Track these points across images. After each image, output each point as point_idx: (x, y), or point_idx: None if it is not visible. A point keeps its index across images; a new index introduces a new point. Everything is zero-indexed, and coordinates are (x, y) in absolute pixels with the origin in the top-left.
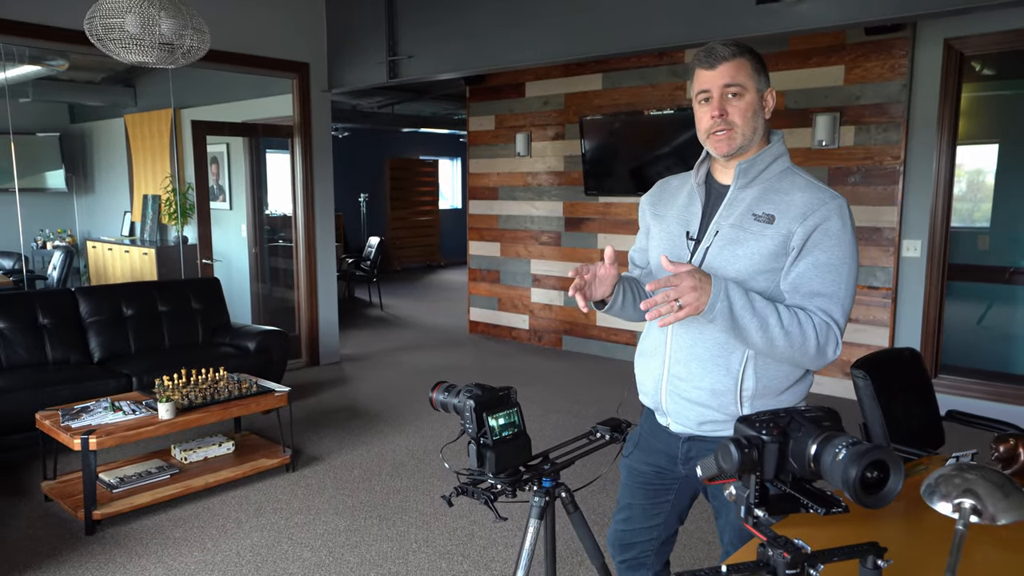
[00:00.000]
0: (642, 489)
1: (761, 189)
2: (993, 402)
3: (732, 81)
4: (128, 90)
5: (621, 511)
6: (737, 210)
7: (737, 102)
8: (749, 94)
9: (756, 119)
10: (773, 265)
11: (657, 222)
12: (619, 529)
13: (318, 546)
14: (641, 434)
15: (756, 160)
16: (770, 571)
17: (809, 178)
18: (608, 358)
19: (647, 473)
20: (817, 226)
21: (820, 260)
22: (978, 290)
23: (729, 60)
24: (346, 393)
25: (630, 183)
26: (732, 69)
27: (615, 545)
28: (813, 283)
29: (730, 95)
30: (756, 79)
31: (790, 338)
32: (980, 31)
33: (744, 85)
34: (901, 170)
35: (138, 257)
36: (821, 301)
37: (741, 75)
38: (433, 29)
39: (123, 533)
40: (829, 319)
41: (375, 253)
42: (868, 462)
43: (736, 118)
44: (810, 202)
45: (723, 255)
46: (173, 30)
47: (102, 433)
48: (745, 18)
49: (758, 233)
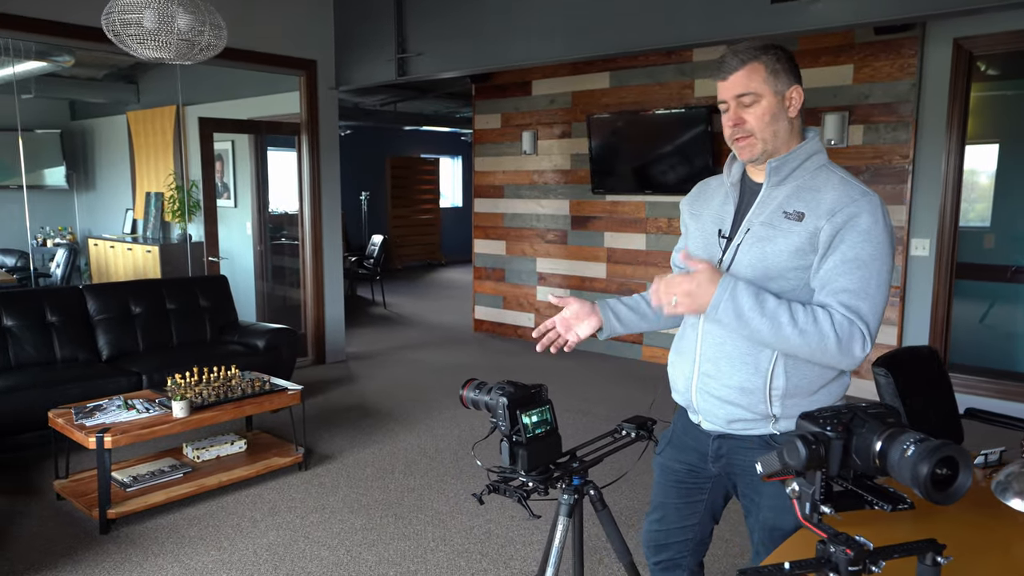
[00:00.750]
0: (675, 488)
1: (794, 187)
2: (1001, 400)
3: (744, 91)
4: (131, 87)
5: (655, 511)
6: (768, 208)
7: (753, 109)
8: (765, 99)
9: (776, 122)
10: (801, 262)
11: (694, 221)
12: (653, 529)
13: (335, 545)
14: (674, 431)
15: (787, 159)
16: (832, 568)
17: (844, 175)
18: (615, 356)
19: (680, 471)
20: (845, 223)
21: (847, 256)
22: (980, 288)
23: (739, 69)
24: (354, 391)
25: (637, 182)
26: (743, 78)
27: (650, 546)
28: (840, 279)
29: (744, 104)
30: (773, 82)
31: (805, 337)
32: (989, 31)
33: (757, 92)
34: (910, 169)
35: (141, 255)
36: (846, 297)
37: (753, 82)
38: (442, 27)
39: (138, 532)
40: (853, 316)
41: (378, 251)
42: (939, 459)
43: (753, 125)
44: (839, 199)
45: (752, 252)
46: (190, 26)
47: (117, 431)
48: (759, 17)
49: (787, 231)
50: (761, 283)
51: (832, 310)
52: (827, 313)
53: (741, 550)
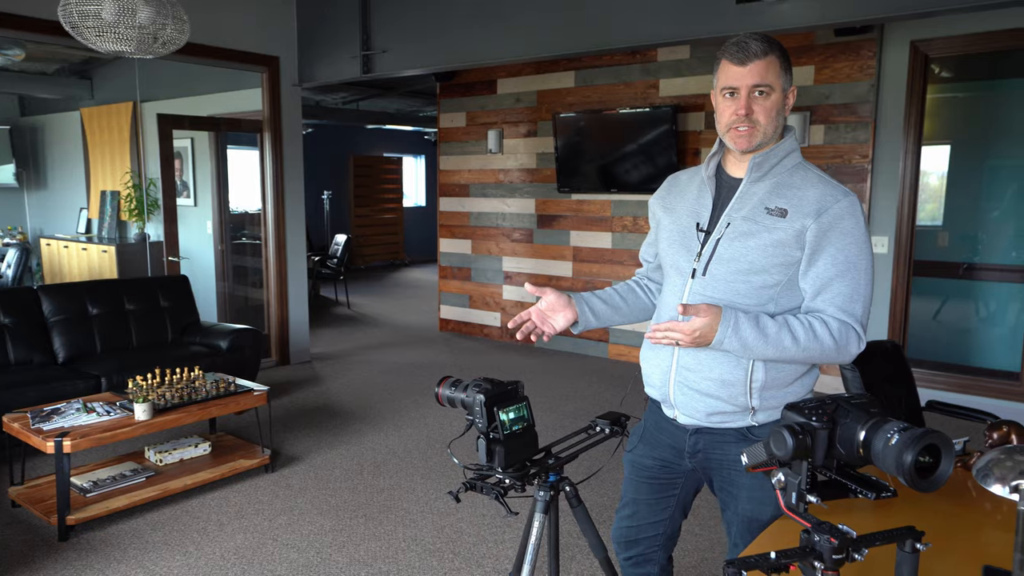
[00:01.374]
0: (647, 484)
1: (773, 183)
2: (957, 393)
3: (762, 81)
4: (84, 82)
5: (626, 507)
6: (749, 203)
7: (764, 101)
8: (776, 93)
9: (779, 118)
10: (784, 258)
11: (668, 214)
12: (624, 526)
13: (304, 547)
14: (646, 428)
15: (770, 154)
16: (816, 556)
17: (820, 173)
18: (581, 354)
19: (652, 467)
20: (832, 224)
21: (838, 259)
22: (934, 285)
23: (761, 58)
24: (320, 392)
25: (603, 181)
26: (763, 68)
27: (620, 542)
28: (833, 285)
29: (757, 93)
30: (783, 77)
31: (808, 352)
32: (944, 34)
33: (772, 85)
34: (869, 168)
35: (96, 255)
36: (841, 301)
37: (771, 74)
38: (408, 24)
39: (99, 538)
40: (848, 318)
41: (342, 251)
42: (922, 447)
43: (761, 117)
44: (822, 199)
45: (734, 247)
46: (151, 19)
47: (76, 435)
48: (725, 17)
49: (771, 226)
50: (744, 277)
51: (827, 317)
52: (823, 323)
53: (710, 543)
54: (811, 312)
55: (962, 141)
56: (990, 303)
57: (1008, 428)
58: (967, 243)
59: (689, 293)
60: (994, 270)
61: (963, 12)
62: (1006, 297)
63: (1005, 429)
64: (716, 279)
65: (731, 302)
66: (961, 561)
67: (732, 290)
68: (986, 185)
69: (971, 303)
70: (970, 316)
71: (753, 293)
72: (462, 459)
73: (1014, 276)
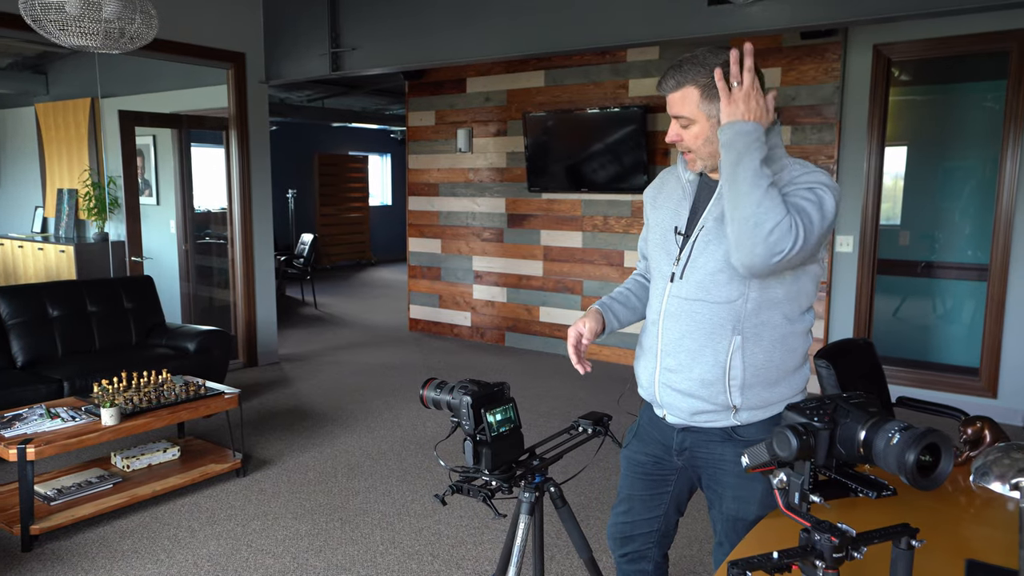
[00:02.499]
0: (642, 480)
1: None
2: (920, 388)
3: (679, 113)
4: (39, 77)
5: (621, 503)
6: (723, 205)
7: (689, 130)
8: (698, 124)
9: (710, 144)
10: None
11: (654, 212)
12: (620, 522)
13: (280, 552)
14: (640, 424)
15: None
16: (817, 555)
17: (804, 163)
18: (551, 353)
19: (646, 464)
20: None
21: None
22: (894, 283)
23: (675, 91)
24: (290, 394)
25: (573, 180)
26: (677, 101)
27: (615, 538)
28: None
29: (680, 126)
30: (707, 106)
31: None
32: (905, 38)
33: (690, 116)
34: (834, 169)
35: (54, 255)
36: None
37: (687, 107)
38: (378, 22)
39: (65, 548)
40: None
41: (308, 250)
42: (924, 446)
43: (690, 144)
44: (790, 170)
45: (708, 250)
46: (117, 13)
47: (40, 442)
48: (696, 18)
49: None
50: (711, 277)
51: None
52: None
53: (692, 539)
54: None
55: (919, 143)
56: (948, 300)
57: (981, 424)
58: (925, 242)
59: (668, 296)
60: (951, 268)
61: (923, 17)
62: (963, 295)
63: (979, 425)
64: (691, 282)
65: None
66: (944, 556)
67: (704, 291)
68: (942, 185)
69: (930, 300)
70: (929, 313)
71: (723, 290)
72: (445, 461)
73: (971, 274)
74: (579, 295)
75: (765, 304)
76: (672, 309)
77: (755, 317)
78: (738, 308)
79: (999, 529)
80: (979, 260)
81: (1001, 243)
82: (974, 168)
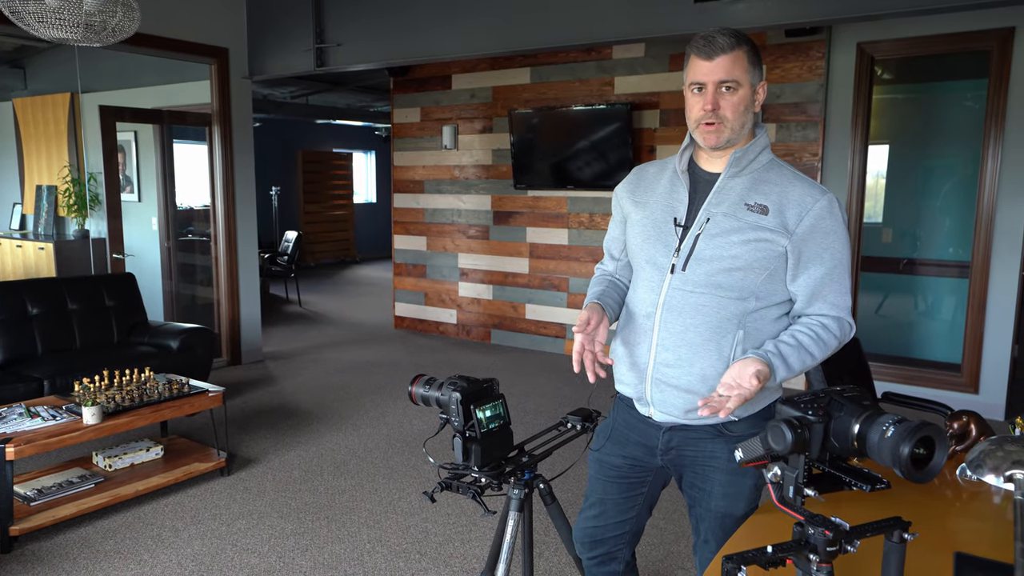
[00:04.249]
0: (615, 483)
1: (750, 179)
2: (902, 384)
3: (728, 76)
4: (17, 72)
5: (592, 507)
6: (728, 198)
7: (731, 96)
8: (743, 89)
9: (747, 114)
10: (767, 253)
11: (638, 209)
12: (590, 526)
13: (266, 551)
14: (614, 426)
15: (748, 150)
16: (811, 549)
17: (794, 170)
18: (537, 351)
19: (621, 466)
20: (814, 227)
21: (825, 259)
22: (876, 280)
23: (728, 52)
24: (274, 392)
25: (559, 177)
26: (729, 63)
27: (584, 542)
28: (824, 286)
29: (724, 89)
30: (752, 72)
31: (823, 357)
32: (888, 37)
33: (739, 80)
34: (819, 166)
35: (32, 252)
36: (834, 298)
37: (737, 69)
38: (363, 18)
39: (46, 549)
40: (842, 312)
41: (292, 248)
42: (918, 439)
43: (728, 112)
44: (803, 199)
45: (716, 243)
46: (98, 6)
47: (20, 441)
48: (682, 16)
49: (753, 223)
50: (726, 273)
51: (826, 319)
52: (824, 327)
53: (675, 536)
54: (809, 316)
55: (901, 141)
56: (929, 297)
57: (968, 418)
58: (907, 239)
59: (668, 288)
60: (932, 265)
61: (906, 16)
62: (945, 291)
63: (965, 419)
64: (697, 275)
65: (711, 296)
66: (932, 549)
67: (714, 284)
68: (923, 183)
69: (911, 297)
70: (911, 310)
71: (735, 287)
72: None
73: (952, 271)
74: (565, 292)
75: (766, 300)
76: (673, 302)
77: (756, 313)
78: (748, 305)
79: (987, 522)
80: (960, 257)
81: (982, 240)
82: (955, 166)
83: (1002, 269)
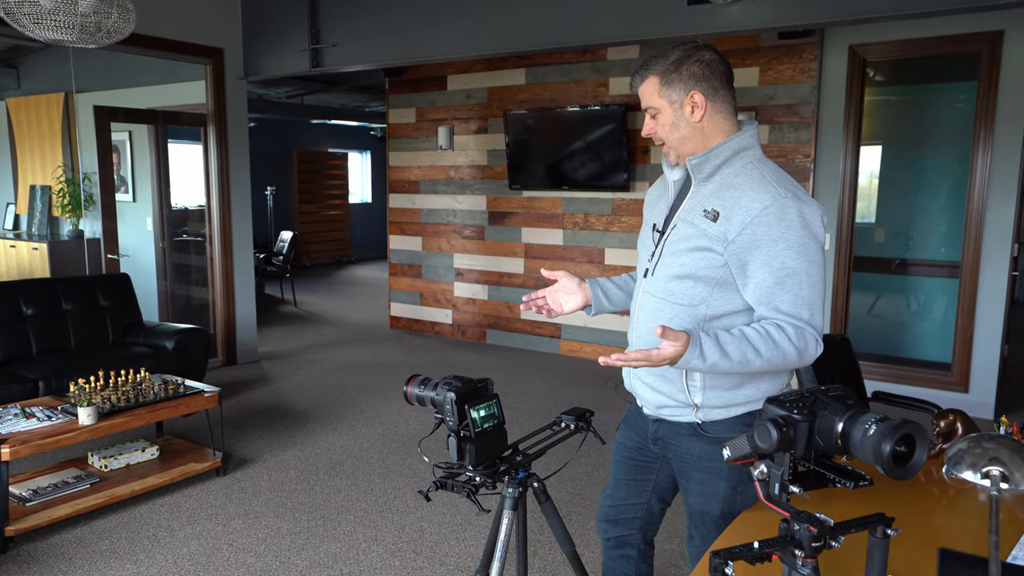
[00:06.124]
0: (626, 464)
1: (717, 185)
2: (893, 383)
3: (647, 104)
4: (10, 71)
5: (608, 486)
6: (692, 205)
7: (658, 120)
8: (664, 111)
9: (678, 130)
10: (709, 262)
11: (648, 211)
12: (606, 504)
13: (262, 551)
14: (629, 411)
15: (707, 156)
16: (796, 545)
17: (765, 173)
18: (532, 351)
19: (631, 449)
20: (757, 233)
21: (773, 267)
22: (869, 280)
23: (642, 82)
24: (270, 392)
25: (554, 178)
26: (646, 92)
27: (602, 521)
28: (774, 293)
29: (650, 117)
30: (667, 92)
31: (772, 360)
32: (880, 39)
33: (655, 105)
34: (812, 168)
35: (26, 252)
36: (787, 306)
37: (651, 98)
38: (358, 18)
39: (42, 549)
40: (799, 323)
41: (288, 248)
42: (899, 436)
43: (663, 134)
44: (751, 205)
45: (671, 249)
46: (94, 7)
47: (16, 442)
48: (676, 18)
49: (702, 231)
50: (677, 280)
51: (782, 325)
52: (780, 330)
53: (670, 535)
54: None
55: (893, 142)
56: (921, 297)
57: (954, 416)
58: (899, 240)
59: (642, 292)
60: (924, 265)
61: (897, 19)
62: (936, 291)
63: (951, 417)
64: (657, 280)
65: (665, 302)
66: (917, 545)
67: (667, 290)
68: (915, 184)
69: (903, 297)
70: (903, 310)
71: (684, 295)
72: (429, 457)
73: (943, 271)
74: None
75: (728, 310)
76: (643, 304)
77: (717, 322)
78: (700, 312)
79: (971, 518)
80: (951, 257)
81: (972, 241)
82: (946, 167)
83: (991, 269)
